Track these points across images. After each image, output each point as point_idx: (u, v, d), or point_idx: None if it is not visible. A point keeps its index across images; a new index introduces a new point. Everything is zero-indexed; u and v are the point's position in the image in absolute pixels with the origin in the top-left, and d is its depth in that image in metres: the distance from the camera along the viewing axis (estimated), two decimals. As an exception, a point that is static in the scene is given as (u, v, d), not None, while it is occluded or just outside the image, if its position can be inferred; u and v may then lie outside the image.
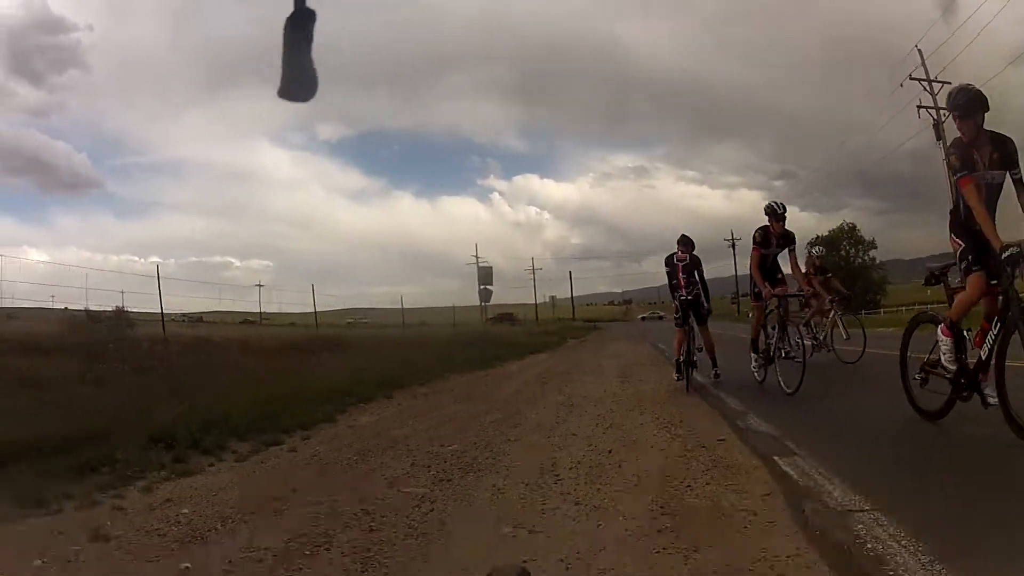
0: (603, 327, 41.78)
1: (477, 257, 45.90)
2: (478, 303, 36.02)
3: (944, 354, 3.87)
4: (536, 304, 56.74)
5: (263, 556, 2.58)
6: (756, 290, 6.50)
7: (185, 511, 3.27)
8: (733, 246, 51.90)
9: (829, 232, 47.11)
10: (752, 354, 6.52)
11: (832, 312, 8.50)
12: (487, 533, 2.56)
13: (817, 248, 12.90)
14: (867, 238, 47.44)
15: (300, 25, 1.49)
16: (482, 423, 5.44)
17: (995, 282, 3.57)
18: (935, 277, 4.19)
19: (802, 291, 7.06)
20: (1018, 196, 3.59)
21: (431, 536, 2.60)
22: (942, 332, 3.90)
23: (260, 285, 65.08)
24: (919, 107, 26.71)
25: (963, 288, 3.84)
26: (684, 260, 6.95)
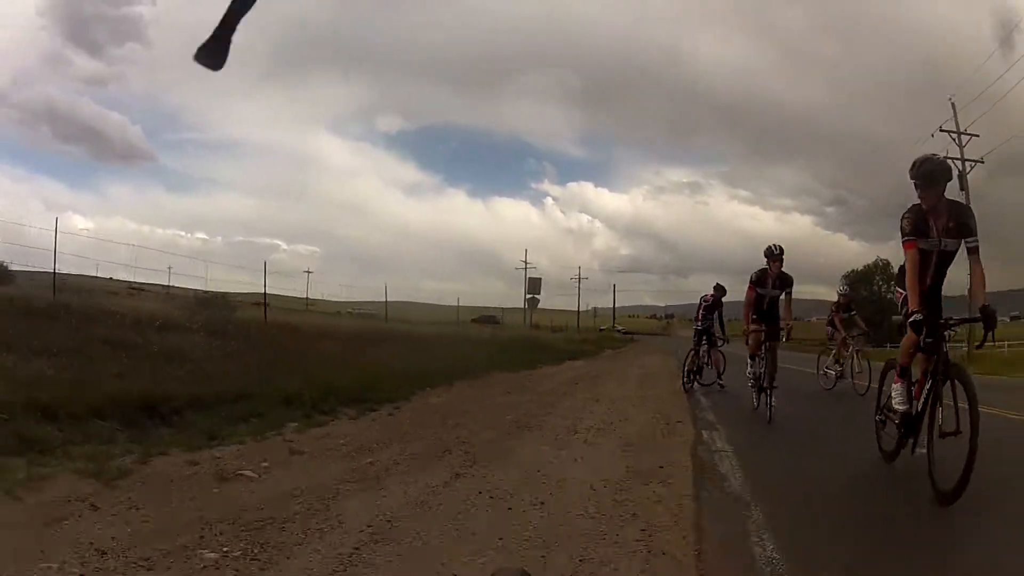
0: (640, 339, 44.02)
1: (526, 263, 47.98)
2: (522, 306, 38.38)
3: (894, 398, 4.19)
4: (579, 312, 58.77)
5: (414, 456, 4.93)
6: (753, 316, 7.18)
7: (342, 441, 5.46)
8: (772, 272, 53.25)
9: (864, 267, 49.62)
10: (748, 359, 7.31)
11: (851, 347, 9.81)
12: (536, 450, 4.99)
13: (842, 287, 14.11)
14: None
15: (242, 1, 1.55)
16: (528, 407, 7.82)
17: (931, 340, 3.74)
18: (902, 328, 4.33)
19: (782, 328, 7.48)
20: (969, 264, 3.84)
21: (505, 452, 5.01)
22: (894, 379, 4.22)
23: (308, 272, 68.54)
24: (946, 158, 27.48)
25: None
26: (708, 301, 9.74)
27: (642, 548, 2.69)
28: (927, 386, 3.80)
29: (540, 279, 36.40)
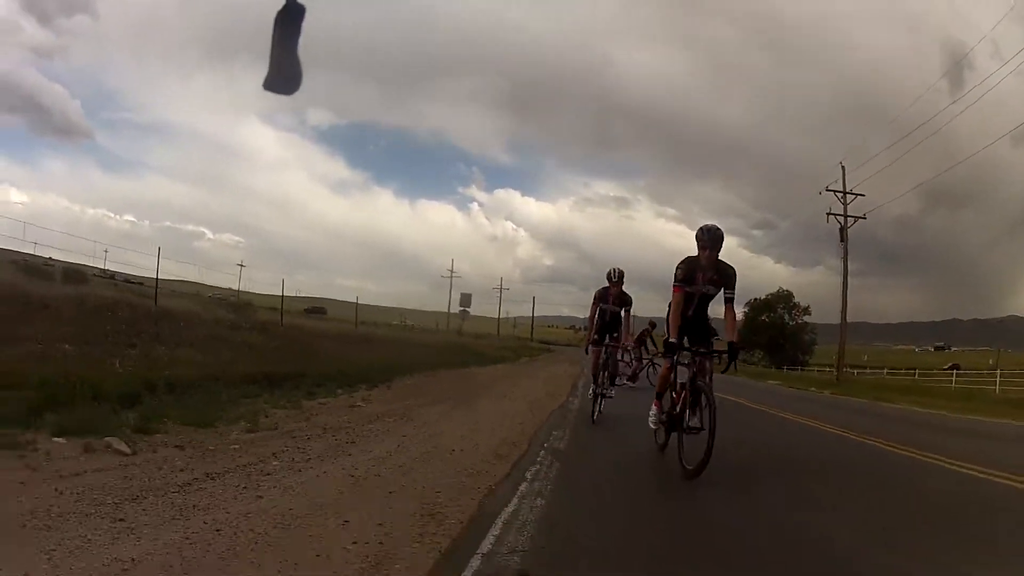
0: (555, 349, 50.81)
1: (452, 272, 53.67)
2: (441, 310, 43.73)
3: (650, 417, 5.84)
4: (499, 320, 65.04)
5: (427, 403, 10.55)
6: (595, 336, 8.86)
7: (383, 397, 11.19)
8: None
9: (768, 296, 57.49)
10: (592, 383, 9.49)
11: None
12: (486, 403, 10.90)
13: None
14: (803, 304, 57.41)
15: (289, 20, 1.68)
16: (474, 388, 13.71)
17: (686, 363, 5.02)
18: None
19: (625, 345, 9.95)
20: (725, 310, 5.22)
21: (472, 403, 10.81)
22: (654, 404, 5.60)
23: (241, 265, 71.37)
24: (828, 214, 32.80)
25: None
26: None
27: (528, 418, 8.73)
28: (684, 395, 5.10)
29: (471, 294, 42.09)
